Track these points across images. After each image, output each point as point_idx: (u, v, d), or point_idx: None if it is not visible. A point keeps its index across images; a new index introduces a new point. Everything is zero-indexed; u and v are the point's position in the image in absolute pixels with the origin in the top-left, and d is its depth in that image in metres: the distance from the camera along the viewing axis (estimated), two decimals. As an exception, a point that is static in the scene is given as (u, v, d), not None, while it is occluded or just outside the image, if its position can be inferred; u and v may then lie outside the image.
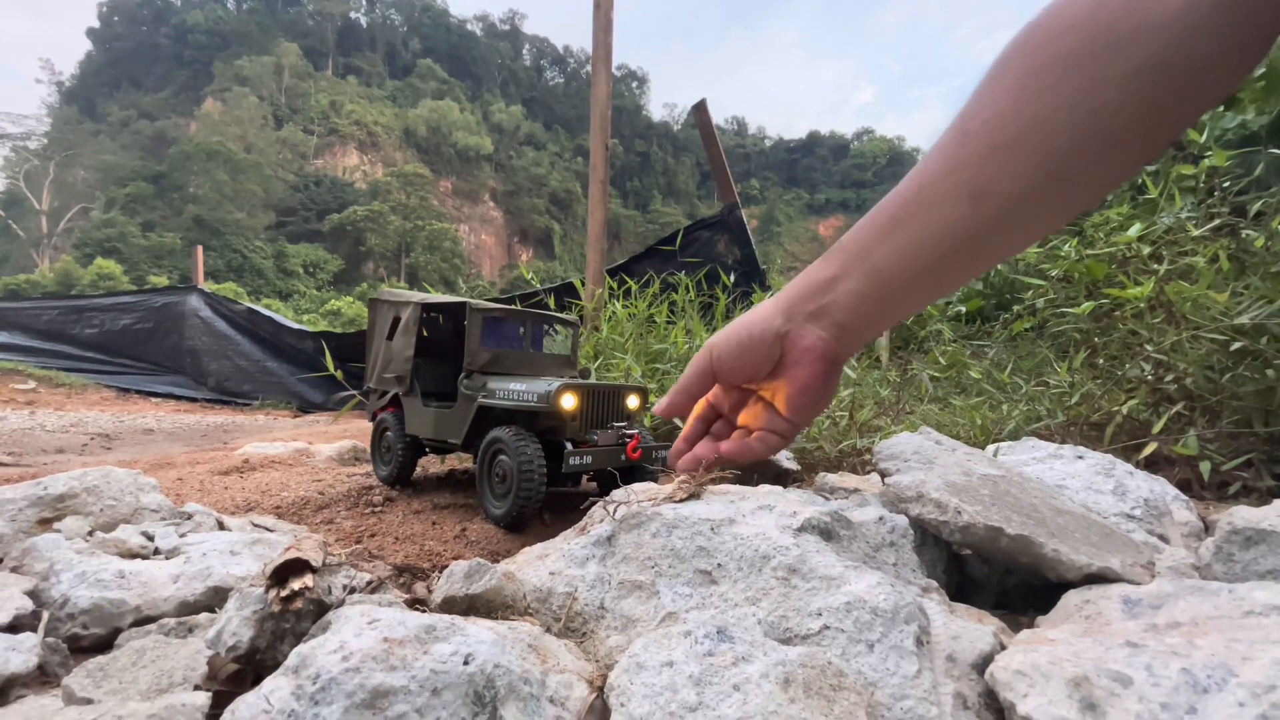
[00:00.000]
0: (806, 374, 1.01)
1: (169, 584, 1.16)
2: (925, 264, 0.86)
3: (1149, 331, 2.87)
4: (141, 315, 10.87)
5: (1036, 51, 0.74)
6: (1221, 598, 0.88)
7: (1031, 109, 0.74)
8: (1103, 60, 0.68)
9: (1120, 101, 0.69)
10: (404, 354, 2.26)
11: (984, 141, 0.78)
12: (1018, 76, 0.75)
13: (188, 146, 53.22)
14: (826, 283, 0.96)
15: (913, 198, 0.85)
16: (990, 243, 0.84)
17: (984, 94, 0.79)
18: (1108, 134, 0.71)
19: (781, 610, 0.88)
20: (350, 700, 0.61)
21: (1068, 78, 0.71)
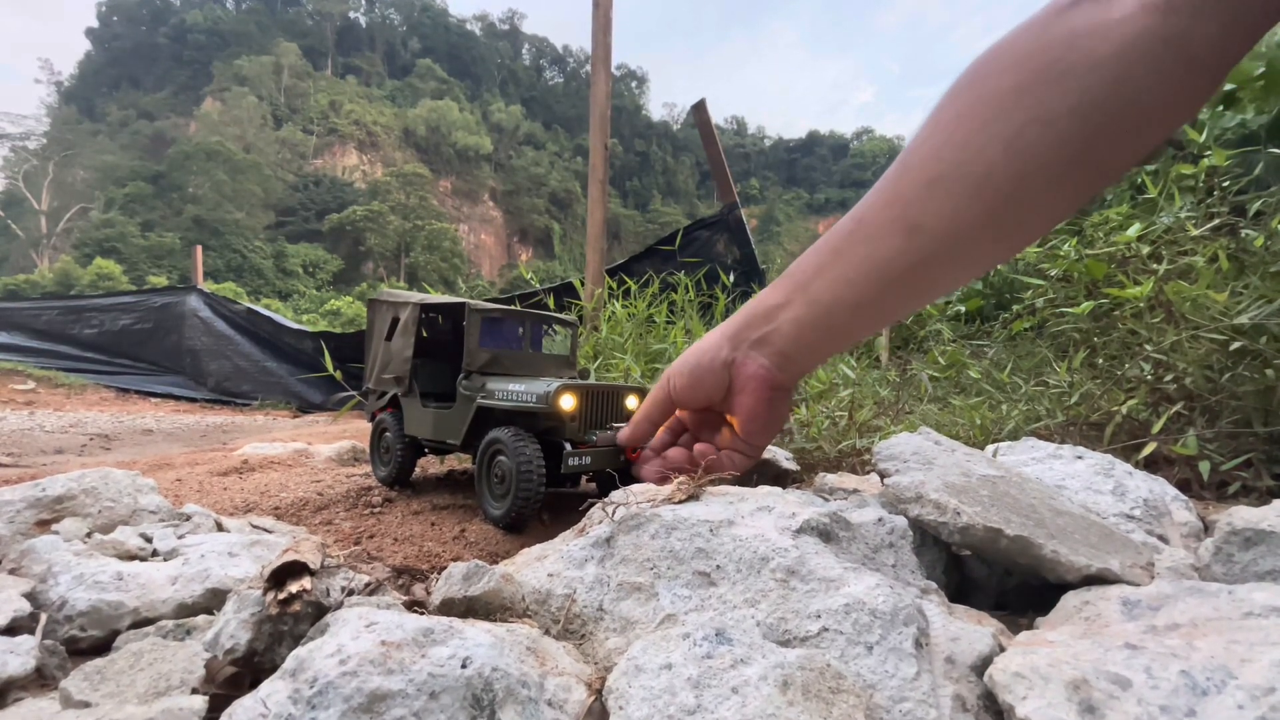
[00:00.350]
0: (752, 401, 1.05)
1: (167, 586, 1.16)
2: (863, 295, 0.88)
3: (1148, 331, 2.87)
4: (141, 315, 10.87)
5: (978, 87, 0.74)
6: (1221, 599, 0.88)
7: (967, 145, 0.73)
8: (1038, 98, 0.68)
9: (1055, 140, 0.68)
10: (403, 355, 2.26)
11: (920, 176, 0.77)
12: (957, 111, 0.75)
13: (187, 146, 53.21)
14: (770, 310, 0.99)
15: (854, 229, 0.86)
16: (924, 277, 0.84)
17: (925, 128, 0.79)
18: (1042, 173, 0.70)
19: (780, 612, 0.88)
20: (347, 704, 0.61)
21: (1004, 115, 0.70)
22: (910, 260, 0.81)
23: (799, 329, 0.96)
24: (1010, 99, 0.70)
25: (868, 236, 0.84)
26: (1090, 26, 0.65)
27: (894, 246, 0.81)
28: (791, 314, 0.95)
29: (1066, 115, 0.66)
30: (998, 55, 0.74)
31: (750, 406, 1.05)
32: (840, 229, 0.89)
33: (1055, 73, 0.67)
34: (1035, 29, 0.71)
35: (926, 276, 0.84)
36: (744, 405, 1.05)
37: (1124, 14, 0.63)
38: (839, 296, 0.89)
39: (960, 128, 0.74)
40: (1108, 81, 0.64)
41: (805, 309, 0.94)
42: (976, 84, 0.75)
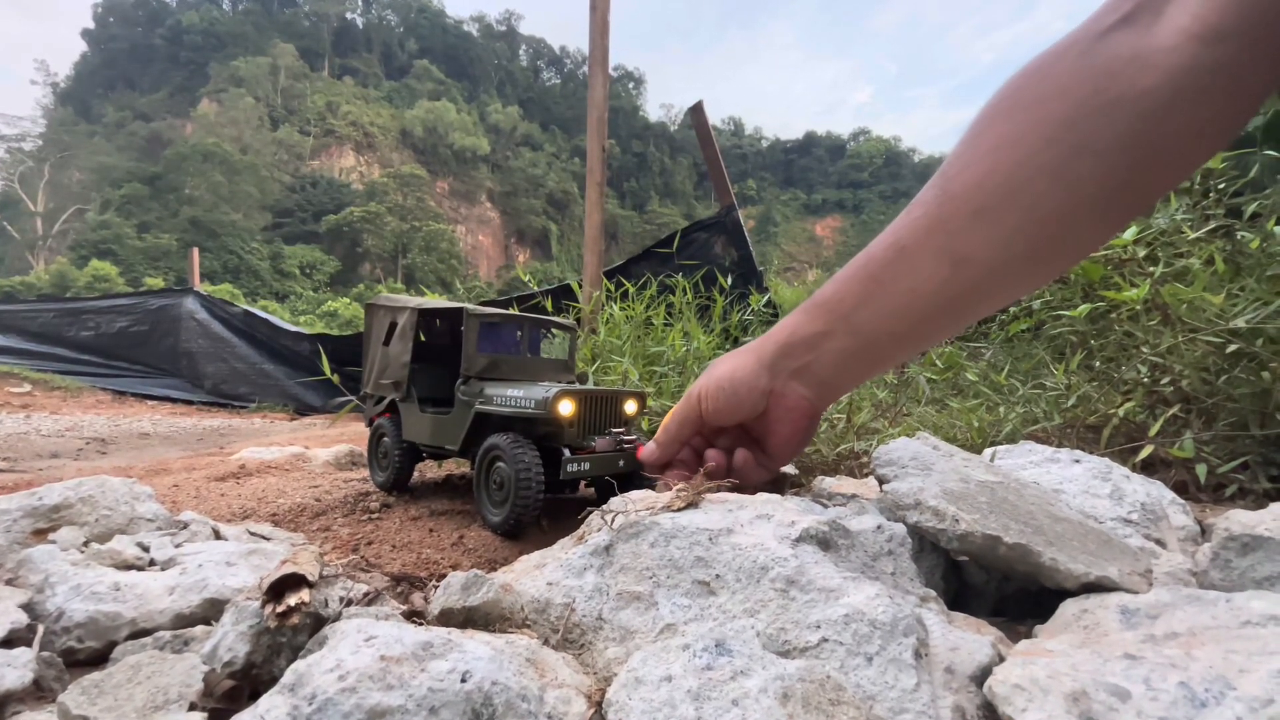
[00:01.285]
0: (788, 430, 1.07)
1: (164, 596, 1.15)
2: (908, 325, 0.88)
3: (1145, 334, 2.87)
4: (137, 317, 10.84)
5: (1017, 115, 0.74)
6: (1219, 607, 0.88)
7: (1012, 176, 0.73)
8: (1085, 129, 0.68)
9: (1104, 171, 0.68)
10: (400, 359, 2.26)
11: (965, 206, 0.77)
12: (997, 141, 0.75)
13: (183, 148, 53.05)
14: (811, 339, 0.98)
15: (895, 258, 0.86)
16: (967, 306, 0.85)
17: (964, 155, 0.79)
18: (1089, 203, 0.71)
19: (780, 622, 0.87)
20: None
21: (1050, 145, 0.70)
22: (955, 291, 0.82)
23: (842, 359, 0.97)
24: (1055, 130, 0.70)
25: (912, 267, 0.84)
26: (1133, 54, 0.65)
27: (940, 278, 0.82)
28: (835, 345, 0.96)
29: (1116, 147, 0.67)
30: (1036, 82, 0.73)
31: (786, 434, 1.08)
32: (878, 256, 0.88)
33: (1101, 103, 0.67)
34: (1073, 55, 0.71)
35: (969, 305, 0.85)
36: (780, 432, 1.08)
37: (1169, 43, 0.63)
38: (882, 328, 0.90)
39: (1004, 157, 0.74)
40: (1156, 112, 0.65)
41: (849, 340, 0.94)
42: (1017, 112, 0.74)
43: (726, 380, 1.07)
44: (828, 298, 0.96)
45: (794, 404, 1.04)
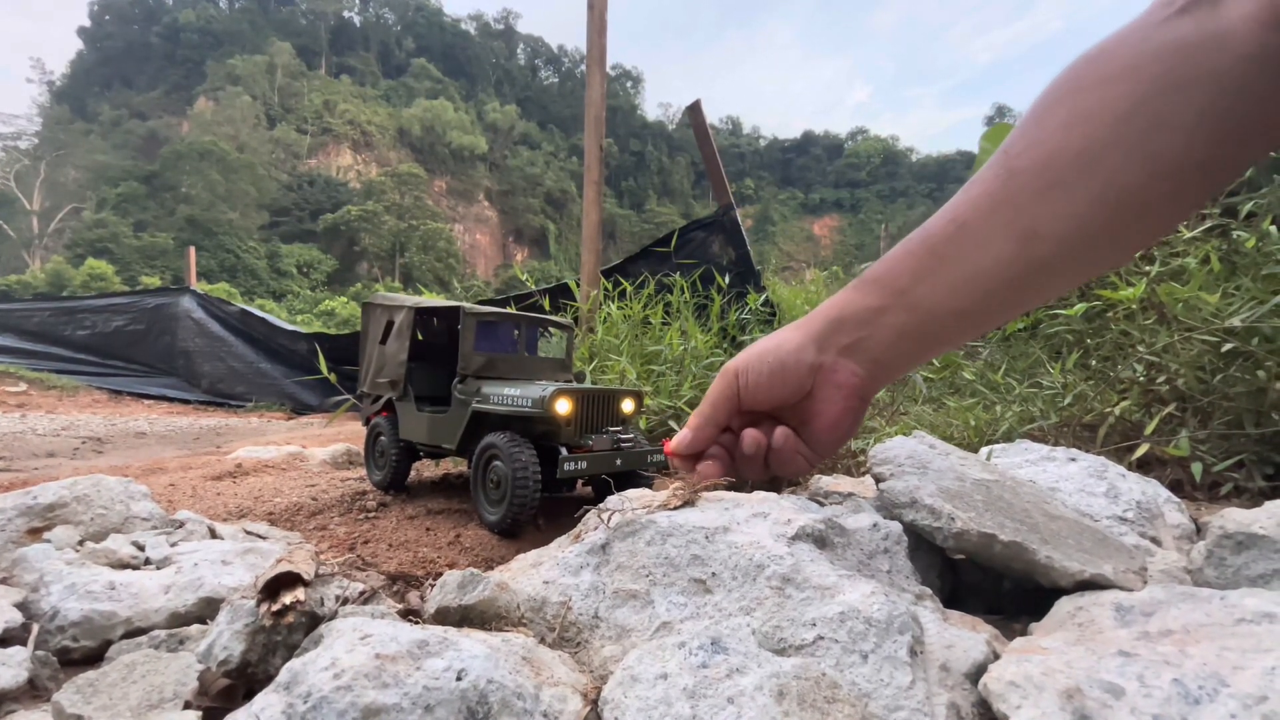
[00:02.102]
0: (837, 410, 0.99)
1: (160, 595, 1.15)
2: (969, 302, 0.85)
3: (1141, 333, 2.88)
4: (134, 316, 10.81)
5: (1086, 95, 0.73)
6: (1213, 605, 0.89)
7: (1086, 150, 0.73)
8: (1161, 105, 0.68)
9: (1181, 146, 0.69)
10: (397, 358, 2.25)
11: (1033, 183, 0.77)
12: (1066, 119, 0.74)
13: (180, 146, 52.89)
14: (864, 315, 0.93)
15: (954, 234, 0.84)
16: (1036, 284, 0.82)
17: (1030, 133, 0.78)
18: (1166, 178, 0.71)
19: (776, 620, 0.88)
20: (342, 719, 0.60)
21: (1125, 121, 0.70)
22: (1023, 268, 0.80)
23: (898, 336, 0.92)
24: (1130, 105, 0.70)
25: (976, 242, 0.82)
26: (1201, 38, 0.66)
27: (1007, 253, 0.80)
28: (891, 321, 0.91)
29: (1193, 122, 0.67)
30: (1100, 65, 0.74)
31: (835, 415, 0.98)
32: (936, 232, 0.86)
33: (1175, 80, 0.67)
34: (1135, 40, 0.72)
35: (1037, 283, 0.83)
36: (827, 413, 0.99)
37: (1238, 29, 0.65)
38: (942, 303, 0.86)
39: (1075, 134, 0.73)
40: (1231, 91, 0.66)
41: (906, 316, 0.90)
42: (1084, 92, 0.74)
43: (771, 352, 0.98)
44: (881, 274, 0.92)
45: (844, 380, 0.95)
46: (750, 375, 1.01)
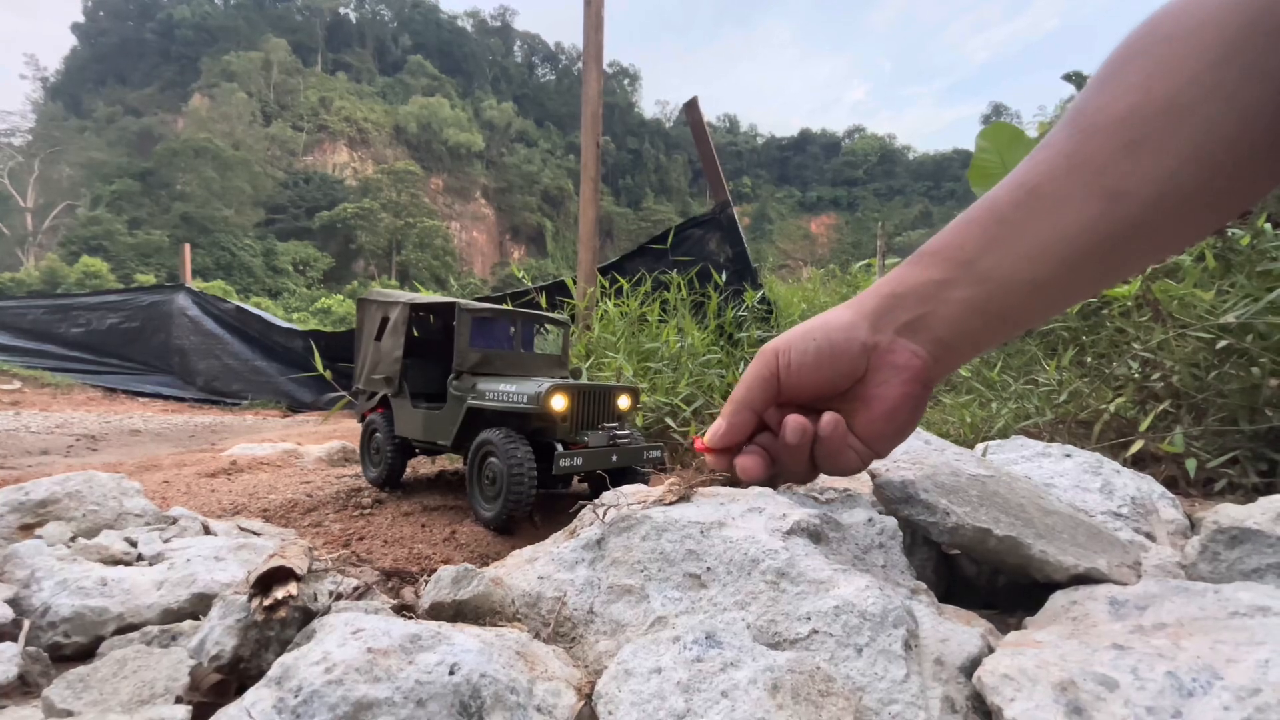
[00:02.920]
0: (895, 396, 0.85)
1: (152, 591, 1.14)
2: (1047, 272, 0.76)
3: (1136, 330, 2.89)
4: (128, 314, 10.76)
5: (1168, 45, 0.69)
6: (1207, 599, 0.89)
7: (1174, 101, 0.68)
8: (1253, 53, 0.64)
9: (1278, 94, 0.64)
10: (392, 355, 2.25)
11: (1114, 139, 0.71)
12: (1149, 70, 0.70)
13: (175, 143, 52.62)
14: (925, 289, 0.83)
15: (1025, 200, 0.76)
16: (1124, 249, 0.74)
17: (1106, 90, 0.73)
18: (1263, 132, 0.66)
19: (770, 614, 0.87)
20: (333, 713, 0.60)
21: (1216, 68, 0.65)
22: (1109, 231, 0.72)
23: (965, 312, 0.80)
24: (1220, 52, 0.65)
25: (1051, 206, 0.74)
26: None
27: (1089, 215, 0.72)
28: (957, 295, 0.80)
29: None
30: (1177, 17, 0.69)
31: (893, 402, 0.85)
32: (1002, 199, 0.78)
33: (1265, 29, 0.63)
34: None
35: (1126, 249, 0.74)
36: (884, 399, 0.86)
37: None
38: (1015, 274, 0.77)
39: (1159, 86, 0.68)
40: None
41: (974, 289, 0.79)
42: (1165, 43, 0.69)
43: (818, 330, 0.86)
44: (942, 245, 0.82)
45: (904, 361, 0.83)
46: (794, 355, 0.88)
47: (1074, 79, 5.92)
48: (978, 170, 6.37)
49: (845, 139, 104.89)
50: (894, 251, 21.47)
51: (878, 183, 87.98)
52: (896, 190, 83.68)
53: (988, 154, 6.25)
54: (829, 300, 7.47)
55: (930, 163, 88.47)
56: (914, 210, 67.76)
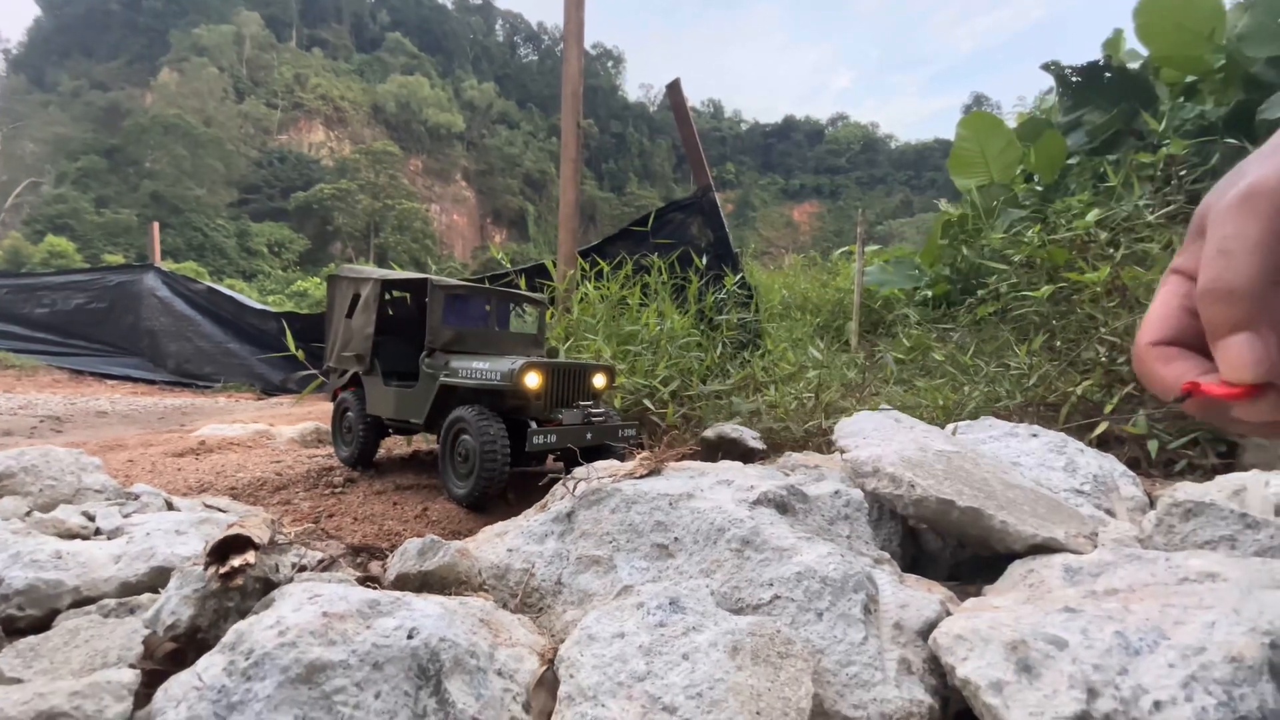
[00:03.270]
0: None
1: (110, 564, 1.12)
2: None
3: (1105, 315, 2.95)
4: (95, 294, 10.43)
5: None
6: (1158, 565, 0.91)
7: None
8: None
9: None
10: (364, 332, 2.21)
11: None
12: None
13: (143, 119, 50.93)
14: None
15: None
16: None
17: None
18: None
19: (734, 581, 0.88)
20: (285, 675, 0.59)
21: None
22: None
23: None
24: None
25: None
26: None
27: None
28: None
29: None
30: None
31: None
32: None
33: None
34: None
35: None
36: None
37: None
38: None
39: None
40: None
41: None
42: None
43: None
44: None
45: None
46: None
47: (1052, 69, 5.96)
48: (957, 159, 6.42)
49: (829, 127, 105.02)
50: (874, 239, 21.61)
51: (860, 171, 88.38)
52: (878, 179, 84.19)
53: (967, 143, 6.30)
54: (809, 286, 7.50)
55: (912, 152, 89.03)
56: (895, 199, 68.25)
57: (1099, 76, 5.66)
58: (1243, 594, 0.80)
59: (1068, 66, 5.87)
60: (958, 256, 5.72)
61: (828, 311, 6.72)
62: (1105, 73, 5.64)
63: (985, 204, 5.87)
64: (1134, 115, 5.24)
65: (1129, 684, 0.63)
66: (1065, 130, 5.78)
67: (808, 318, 6.45)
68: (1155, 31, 5.00)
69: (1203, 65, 4.80)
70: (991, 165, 6.22)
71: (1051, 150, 5.49)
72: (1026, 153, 5.92)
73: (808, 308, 6.85)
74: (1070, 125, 5.82)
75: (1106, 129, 5.40)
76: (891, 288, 6.26)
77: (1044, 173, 5.68)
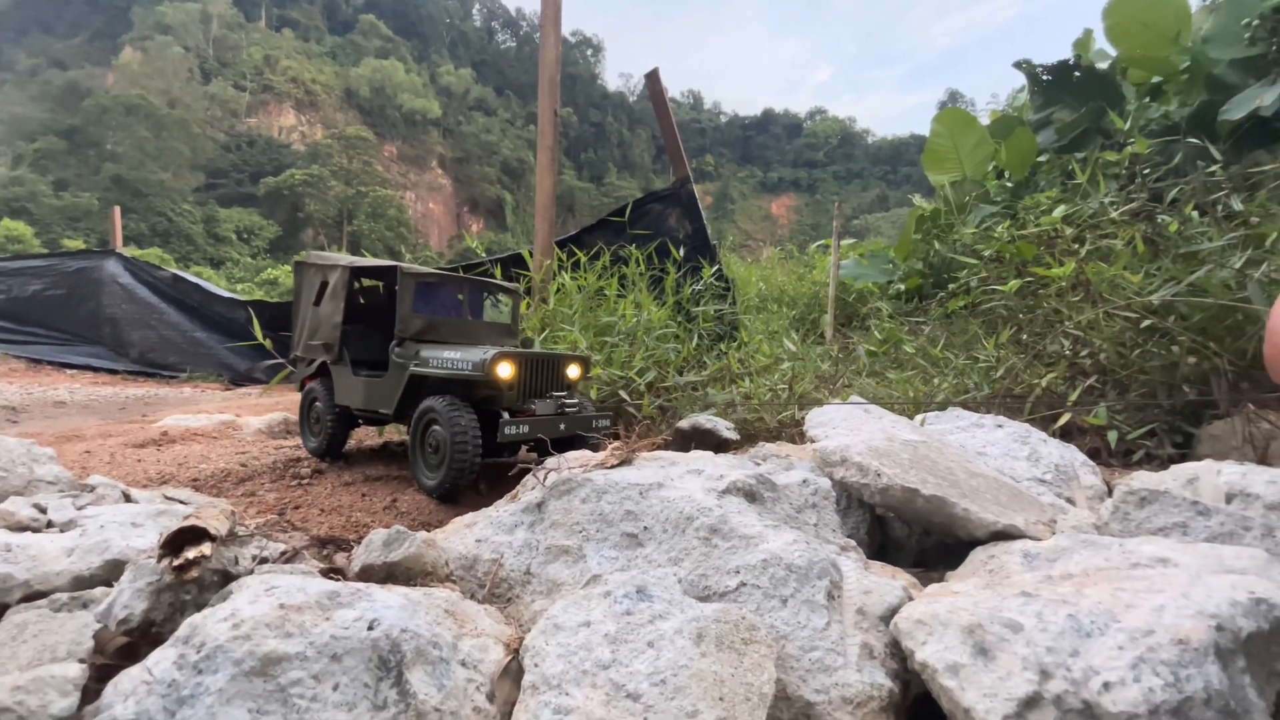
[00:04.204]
0: None
1: (62, 558, 1.08)
2: None
3: (1070, 309, 3.02)
4: (53, 280, 10.05)
5: None
6: (1112, 551, 0.94)
7: None
8: None
9: None
10: (332, 320, 2.17)
11: None
12: None
13: (104, 99, 49.04)
14: None
15: None
16: None
17: None
18: None
19: (702, 569, 0.89)
20: (238, 668, 0.58)
21: None
22: None
23: None
24: None
25: None
26: None
27: None
28: None
29: None
30: None
31: None
32: None
33: None
34: None
35: None
36: None
37: None
38: None
39: None
40: None
41: None
42: None
43: None
44: None
45: None
46: None
47: (1024, 67, 6.06)
48: (931, 154, 6.51)
49: (807, 120, 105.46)
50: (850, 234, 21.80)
51: (838, 165, 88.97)
52: (855, 173, 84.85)
53: (941, 138, 6.38)
54: (786, 279, 7.56)
55: (888, 147, 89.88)
56: (871, 194, 68.94)
57: (1068, 75, 5.77)
58: (1192, 579, 0.83)
59: (1039, 65, 5.97)
60: (930, 251, 5.81)
61: (804, 304, 6.78)
62: (1075, 72, 5.75)
63: (958, 199, 5.96)
64: (1102, 114, 5.35)
65: (1080, 665, 0.65)
66: (1036, 128, 5.88)
67: (784, 310, 6.50)
68: (1123, 32, 5.11)
69: (1168, 66, 4.92)
70: (964, 161, 6.31)
71: (1022, 147, 5.59)
72: (998, 149, 6.02)
73: (784, 301, 6.90)
74: (1041, 123, 5.93)
75: (1075, 127, 5.51)
76: (866, 281, 6.34)
77: (1015, 169, 5.78)
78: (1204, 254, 2.78)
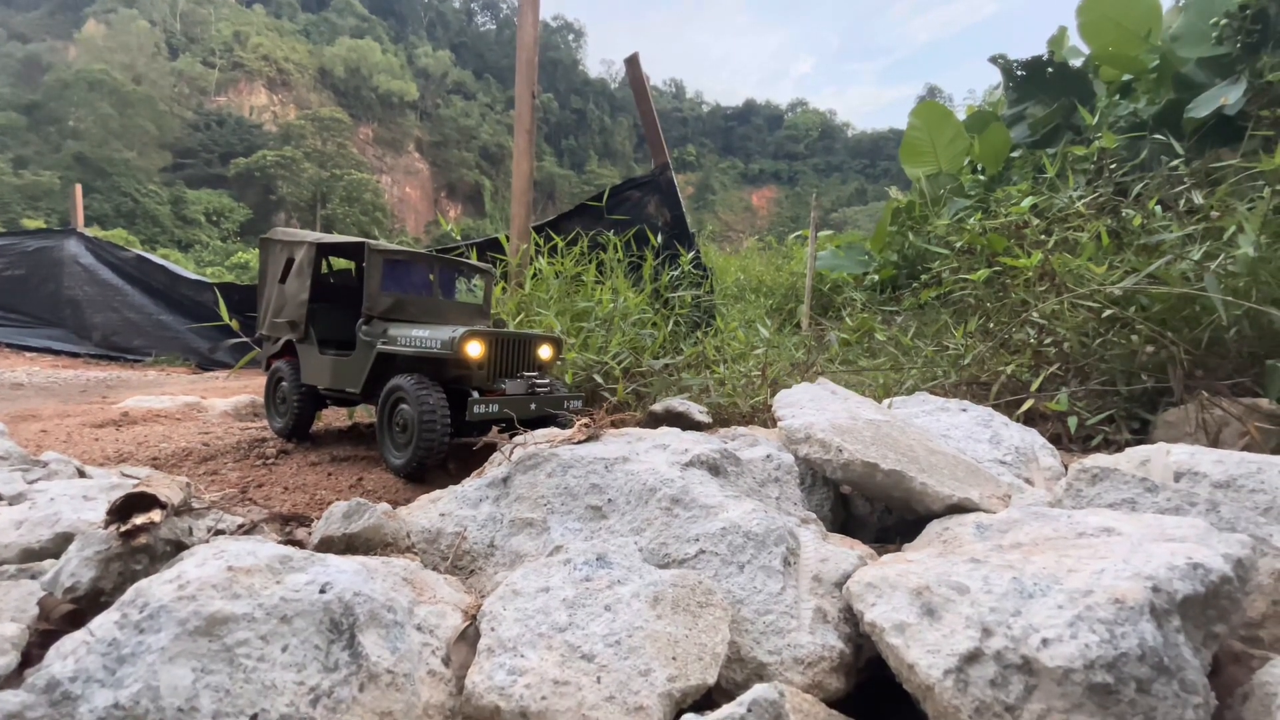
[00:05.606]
0: None
1: (10, 530, 1.05)
2: None
3: (1036, 299, 3.09)
4: (11, 260, 9.69)
5: None
6: (1060, 522, 0.97)
7: None
8: None
9: None
10: (298, 298, 2.13)
11: None
12: None
13: (65, 74, 47.17)
14: None
15: None
16: None
17: None
18: None
19: (663, 538, 0.89)
20: (182, 627, 0.57)
21: None
22: None
23: None
24: None
25: None
26: None
27: None
28: None
29: None
30: None
31: None
32: None
33: None
34: None
35: None
36: None
37: None
38: None
39: None
40: None
41: None
42: None
43: None
44: None
45: None
46: None
47: (999, 62, 6.13)
48: (908, 147, 6.57)
49: (789, 112, 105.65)
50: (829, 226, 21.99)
51: (818, 158, 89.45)
52: (835, 166, 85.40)
53: (918, 131, 6.45)
54: (764, 270, 7.60)
55: (868, 141, 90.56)
56: (850, 187, 69.47)
57: (1042, 72, 5.86)
58: (1134, 546, 0.86)
59: (1014, 61, 6.06)
60: (905, 243, 5.89)
61: (781, 294, 6.84)
62: (1048, 68, 5.84)
63: (933, 192, 6.04)
64: (1073, 110, 5.45)
65: (1021, 624, 0.67)
66: (1010, 123, 5.97)
67: (762, 299, 6.54)
68: (1096, 30, 5.20)
69: (1138, 64, 5.03)
70: (940, 155, 6.39)
71: (996, 142, 5.68)
72: (974, 143, 6.11)
73: (762, 290, 6.95)
74: (1014, 118, 6.03)
75: (1047, 123, 5.61)
76: (842, 272, 6.40)
77: (989, 163, 5.87)
78: (1164, 246, 2.86)
